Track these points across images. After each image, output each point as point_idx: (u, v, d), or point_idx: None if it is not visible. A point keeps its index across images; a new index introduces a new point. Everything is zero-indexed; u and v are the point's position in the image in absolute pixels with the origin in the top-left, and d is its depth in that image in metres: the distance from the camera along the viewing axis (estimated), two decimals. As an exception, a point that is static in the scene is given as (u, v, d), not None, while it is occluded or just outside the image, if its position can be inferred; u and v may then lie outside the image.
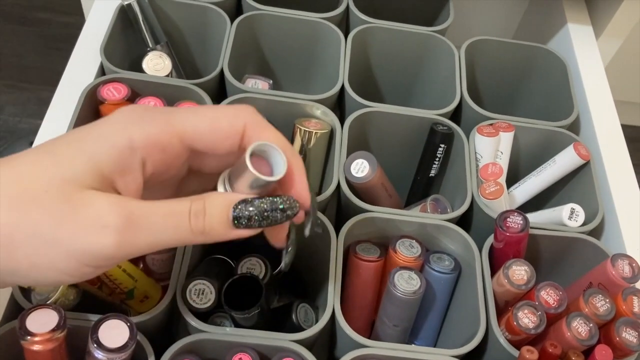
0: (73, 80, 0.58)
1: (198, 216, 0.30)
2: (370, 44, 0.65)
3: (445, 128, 0.57)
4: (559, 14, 0.75)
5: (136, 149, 0.30)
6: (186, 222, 0.30)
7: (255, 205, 0.31)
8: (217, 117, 0.32)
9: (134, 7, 0.60)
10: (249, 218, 0.31)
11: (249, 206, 0.31)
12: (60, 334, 0.37)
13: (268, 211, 0.31)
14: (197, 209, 0.30)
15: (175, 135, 0.31)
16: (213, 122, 0.32)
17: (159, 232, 0.29)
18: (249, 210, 0.31)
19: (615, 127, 0.62)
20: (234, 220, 0.31)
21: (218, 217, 0.31)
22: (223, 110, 0.32)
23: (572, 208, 0.53)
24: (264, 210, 0.31)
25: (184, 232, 0.30)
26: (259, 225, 0.31)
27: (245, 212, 0.31)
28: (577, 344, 0.43)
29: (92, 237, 0.28)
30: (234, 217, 0.31)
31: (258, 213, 0.31)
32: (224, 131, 0.32)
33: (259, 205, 0.31)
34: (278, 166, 0.32)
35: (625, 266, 0.46)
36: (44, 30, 1.37)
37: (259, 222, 0.31)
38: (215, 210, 0.31)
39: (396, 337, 0.51)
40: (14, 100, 1.25)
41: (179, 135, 0.31)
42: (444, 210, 0.56)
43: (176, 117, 0.31)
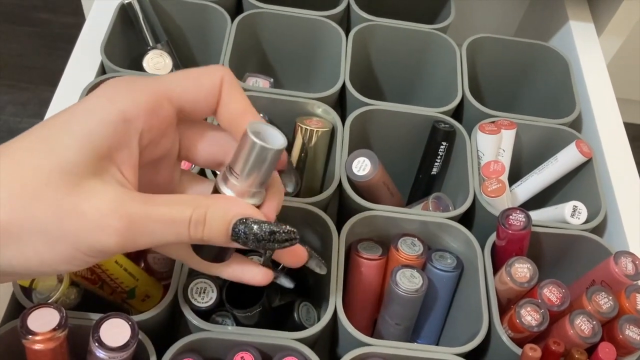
0: (73, 80, 0.58)
1: (197, 226, 0.31)
2: (371, 42, 0.65)
3: (447, 126, 0.57)
4: (560, 11, 0.74)
5: (130, 120, 0.30)
6: (185, 229, 0.30)
7: (254, 232, 0.31)
8: (198, 76, 0.33)
9: (134, 5, 0.60)
10: (247, 238, 0.31)
11: (248, 228, 0.31)
12: (61, 333, 0.37)
13: (267, 240, 0.31)
14: (197, 219, 0.31)
15: (164, 98, 0.32)
16: (196, 80, 0.33)
17: (158, 236, 0.30)
18: (246, 233, 0.31)
19: (618, 125, 0.62)
20: (232, 236, 0.31)
21: (217, 230, 0.31)
22: (202, 69, 0.33)
23: (575, 205, 0.53)
24: (263, 237, 0.31)
25: (183, 238, 0.31)
26: (255, 246, 0.32)
27: (243, 233, 0.31)
28: (580, 341, 0.42)
29: (96, 235, 0.29)
30: (232, 235, 0.31)
31: (255, 239, 0.31)
32: (206, 87, 0.32)
33: (257, 232, 0.31)
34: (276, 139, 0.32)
35: (628, 263, 0.46)
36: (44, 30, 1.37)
37: (256, 244, 0.32)
38: (216, 223, 0.31)
39: (398, 336, 0.51)
40: (15, 100, 1.25)
41: (168, 96, 0.32)
42: (446, 208, 0.56)
43: (162, 81, 0.32)
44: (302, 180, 0.55)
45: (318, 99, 0.56)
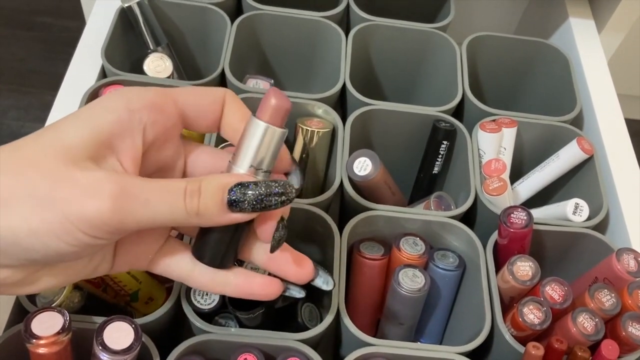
0: (74, 84, 0.58)
1: (193, 196, 0.30)
2: (371, 41, 0.65)
3: (448, 125, 0.57)
4: (560, 8, 0.74)
5: (134, 110, 0.31)
6: (181, 200, 0.30)
7: (251, 188, 0.31)
8: (204, 88, 0.34)
9: (134, 9, 0.60)
10: (244, 201, 0.31)
11: (244, 189, 0.31)
12: (65, 336, 0.37)
13: (263, 195, 0.31)
14: (192, 189, 0.30)
15: (170, 99, 0.33)
16: (201, 90, 0.34)
17: (153, 206, 0.30)
18: (244, 192, 0.31)
19: (619, 121, 0.62)
20: (229, 202, 0.31)
21: (213, 198, 0.31)
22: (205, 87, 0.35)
23: (577, 203, 0.53)
24: (259, 193, 0.31)
25: (178, 210, 0.30)
26: (252, 209, 0.31)
27: (240, 195, 0.31)
28: (583, 339, 0.42)
29: (88, 199, 0.28)
30: (229, 200, 0.31)
31: (253, 196, 0.31)
32: (210, 97, 0.34)
33: (254, 188, 0.31)
34: None
35: (630, 260, 0.46)
36: (46, 34, 1.38)
37: (253, 205, 0.31)
38: (211, 191, 0.31)
39: (402, 335, 0.51)
40: (17, 104, 1.26)
41: (173, 99, 0.33)
42: (447, 207, 0.56)
43: (170, 89, 0.33)
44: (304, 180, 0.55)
45: (318, 100, 0.57)
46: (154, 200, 0.29)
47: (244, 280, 0.35)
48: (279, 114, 0.32)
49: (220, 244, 0.34)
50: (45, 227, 0.28)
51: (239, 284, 0.35)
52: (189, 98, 0.33)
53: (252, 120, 0.32)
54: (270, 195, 0.31)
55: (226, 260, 0.35)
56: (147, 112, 0.31)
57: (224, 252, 0.34)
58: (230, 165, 0.33)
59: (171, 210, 0.30)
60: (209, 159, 0.36)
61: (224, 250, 0.34)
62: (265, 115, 0.32)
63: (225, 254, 0.35)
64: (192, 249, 0.35)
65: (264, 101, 0.32)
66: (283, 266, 0.36)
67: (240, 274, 0.35)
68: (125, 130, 0.31)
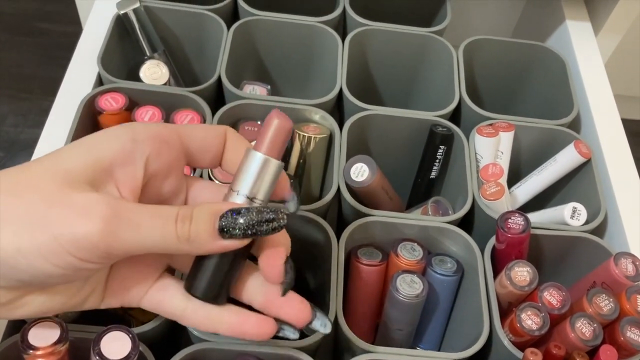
0: (71, 91, 0.58)
1: (184, 221, 0.30)
2: (367, 46, 0.65)
3: (445, 129, 0.57)
4: (557, 11, 0.74)
5: (139, 140, 0.31)
6: (172, 225, 0.30)
7: (242, 215, 0.31)
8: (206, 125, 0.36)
9: (130, 16, 0.60)
10: (234, 227, 0.31)
11: (235, 215, 0.31)
12: (62, 347, 0.37)
13: (254, 221, 0.31)
14: (184, 215, 0.30)
15: (175, 133, 0.33)
16: (204, 126, 0.35)
17: (144, 230, 0.29)
18: (235, 218, 0.31)
19: (616, 124, 0.61)
20: (220, 229, 0.31)
21: (204, 224, 0.31)
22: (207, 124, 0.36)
23: (574, 207, 0.53)
24: (250, 220, 0.31)
25: (169, 235, 0.30)
26: (243, 235, 0.31)
27: (231, 221, 0.31)
28: (581, 344, 0.42)
29: (78, 220, 0.28)
30: (220, 226, 0.31)
31: (244, 221, 0.31)
32: (212, 132, 0.34)
33: (246, 215, 0.31)
34: None
35: (628, 265, 0.46)
36: (43, 40, 1.38)
37: (244, 231, 0.31)
38: (202, 217, 0.31)
39: (400, 341, 0.51)
40: (15, 110, 1.26)
41: (179, 133, 0.33)
42: (445, 212, 0.56)
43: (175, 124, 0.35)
44: (300, 187, 0.55)
45: (315, 105, 0.56)
46: (145, 224, 0.29)
47: (238, 319, 0.34)
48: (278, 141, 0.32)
49: (214, 277, 0.33)
50: (34, 247, 0.28)
51: (233, 323, 0.34)
52: (193, 133, 0.34)
53: (248, 151, 0.32)
54: (261, 221, 0.31)
55: (220, 296, 0.34)
56: (151, 143, 0.32)
57: (219, 287, 0.34)
58: (227, 196, 0.33)
59: (162, 235, 0.30)
60: (210, 194, 0.36)
61: (218, 284, 0.33)
62: (262, 146, 0.32)
63: (219, 289, 0.34)
64: (185, 283, 0.34)
65: (262, 132, 0.33)
66: (280, 309, 0.35)
67: (234, 313, 0.34)
68: (128, 159, 0.31)
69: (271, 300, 0.35)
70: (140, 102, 0.56)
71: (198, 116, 0.55)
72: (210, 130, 0.34)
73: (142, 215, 0.30)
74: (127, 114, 0.55)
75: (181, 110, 0.55)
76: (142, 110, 0.55)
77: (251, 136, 0.55)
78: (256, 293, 0.35)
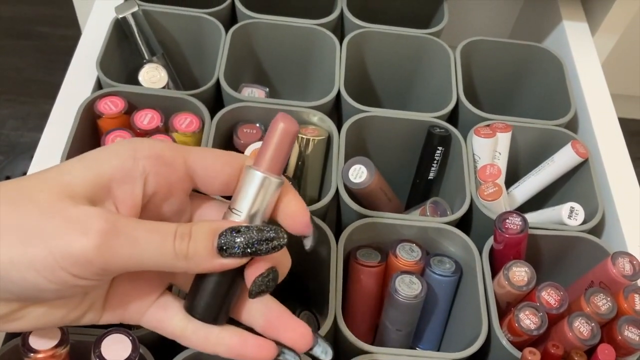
0: (71, 95, 0.58)
1: (183, 238, 0.30)
2: (365, 48, 0.65)
3: (443, 130, 0.57)
4: (554, 11, 0.75)
5: (139, 158, 0.30)
6: (170, 242, 0.29)
7: (242, 233, 0.30)
8: (221, 151, 0.33)
9: (128, 20, 0.61)
10: (234, 245, 0.30)
11: (235, 233, 0.30)
12: (63, 349, 0.37)
13: (254, 239, 0.30)
14: (182, 232, 0.30)
15: (180, 155, 0.32)
16: (216, 152, 0.33)
17: (141, 246, 0.29)
18: (234, 237, 0.30)
19: (614, 124, 0.62)
20: (218, 247, 0.30)
21: (203, 242, 0.30)
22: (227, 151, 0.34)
23: (572, 207, 0.53)
24: (249, 239, 0.30)
25: (167, 252, 0.29)
26: (242, 254, 0.30)
27: (230, 240, 0.30)
28: (579, 344, 0.43)
29: (74, 234, 0.27)
30: (219, 244, 0.30)
31: (244, 240, 0.30)
32: (224, 158, 0.33)
33: (246, 233, 0.30)
34: None
35: (625, 264, 0.46)
36: (43, 43, 1.38)
37: (243, 250, 0.30)
38: (201, 235, 0.30)
39: (400, 342, 0.51)
40: (15, 114, 1.26)
41: (184, 155, 0.32)
42: (443, 213, 0.56)
43: (185, 146, 0.33)
44: (299, 189, 0.55)
45: (313, 108, 0.57)
46: (143, 240, 0.29)
47: (238, 341, 0.33)
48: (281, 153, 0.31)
49: (213, 297, 0.32)
50: (27, 259, 0.27)
51: (233, 345, 0.33)
52: (202, 159, 0.32)
53: (248, 170, 0.31)
54: (261, 240, 0.30)
55: (220, 316, 0.33)
56: (151, 163, 0.31)
57: (218, 307, 0.33)
58: (226, 215, 0.32)
59: (159, 252, 0.29)
60: (216, 213, 0.35)
61: (217, 304, 0.33)
62: (263, 162, 0.31)
63: (219, 309, 0.33)
64: (185, 303, 0.33)
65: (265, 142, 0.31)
66: (282, 333, 0.34)
67: (235, 334, 0.33)
68: (127, 177, 0.30)
69: (272, 323, 0.34)
70: (139, 105, 0.56)
71: (197, 119, 0.55)
72: (221, 157, 0.33)
73: (139, 230, 0.29)
74: (126, 118, 0.55)
75: (180, 113, 0.55)
76: (141, 113, 0.55)
77: (249, 139, 0.55)
78: (257, 315, 0.34)
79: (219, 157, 0.33)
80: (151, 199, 0.32)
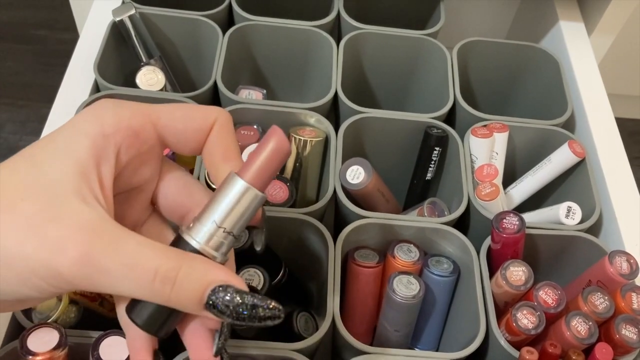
0: (68, 98, 0.58)
1: (165, 283, 0.27)
2: (362, 49, 0.65)
3: (440, 131, 0.57)
4: (550, 12, 0.75)
5: (109, 134, 0.29)
6: (148, 282, 0.26)
7: (235, 302, 0.27)
8: (191, 109, 0.31)
9: (125, 22, 0.61)
10: (224, 310, 0.27)
11: (229, 296, 0.27)
12: (61, 352, 0.38)
13: (245, 315, 0.27)
14: (166, 275, 0.27)
15: (148, 121, 0.30)
16: (187, 113, 0.31)
17: (115, 281, 0.27)
18: (227, 302, 0.27)
19: (610, 123, 0.62)
20: (207, 305, 0.27)
21: (190, 293, 0.27)
22: (198, 106, 0.32)
23: (569, 206, 0.53)
24: (241, 311, 0.27)
25: (144, 291, 0.27)
26: (230, 320, 0.28)
27: (221, 302, 0.27)
28: (576, 343, 0.43)
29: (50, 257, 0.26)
30: (208, 301, 0.27)
31: (234, 311, 0.27)
32: (196, 121, 0.31)
33: (239, 303, 0.27)
34: None
35: (623, 263, 0.46)
36: (41, 47, 1.38)
37: (233, 318, 0.27)
38: (189, 286, 0.27)
39: (398, 342, 0.51)
40: (14, 118, 1.26)
41: (153, 121, 0.30)
42: (441, 213, 0.56)
43: (152, 106, 0.31)
44: (297, 190, 0.55)
45: (311, 109, 0.57)
46: (116, 274, 0.26)
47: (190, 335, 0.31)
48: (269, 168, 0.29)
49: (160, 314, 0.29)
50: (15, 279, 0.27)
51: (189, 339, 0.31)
52: (170, 122, 0.31)
53: (232, 176, 0.29)
54: (253, 317, 0.28)
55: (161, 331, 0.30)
56: (121, 136, 0.29)
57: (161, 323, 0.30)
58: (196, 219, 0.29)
59: (135, 289, 0.27)
60: (177, 192, 0.33)
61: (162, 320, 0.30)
62: (248, 172, 0.29)
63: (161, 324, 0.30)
64: (127, 307, 0.30)
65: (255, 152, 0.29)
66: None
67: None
68: (101, 157, 0.29)
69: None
70: (136, 108, 0.56)
71: (194, 121, 0.55)
72: (192, 121, 0.31)
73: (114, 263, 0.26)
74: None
75: (177, 115, 0.55)
76: (139, 116, 0.55)
77: (247, 140, 0.55)
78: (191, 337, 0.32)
79: (189, 123, 0.31)
80: (123, 170, 0.31)
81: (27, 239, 0.26)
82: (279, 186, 0.52)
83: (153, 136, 0.31)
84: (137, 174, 0.32)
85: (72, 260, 0.26)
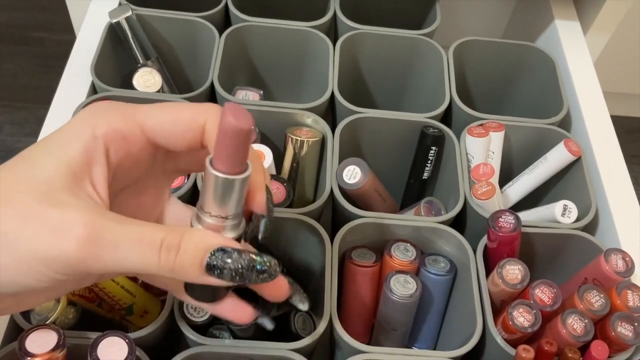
0: (66, 100, 0.59)
1: (170, 251, 0.28)
2: (358, 50, 0.66)
3: (436, 130, 0.58)
4: (546, 11, 0.75)
5: (98, 137, 0.30)
6: (155, 253, 0.28)
7: (233, 259, 0.29)
8: (180, 110, 0.32)
9: (122, 24, 0.61)
10: (222, 270, 0.29)
11: (226, 257, 0.29)
12: (59, 353, 0.38)
13: (244, 269, 0.29)
14: (170, 243, 0.28)
15: (136, 125, 0.31)
16: (175, 115, 0.32)
17: (122, 253, 0.28)
18: (225, 261, 0.29)
19: (606, 122, 0.62)
20: (207, 266, 0.29)
21: (192, 258, 0.29)
22: (188, 105, 0.32)
23: (565, 204, 0.53)
24: (239, 267, 0.29)
25: (151, 263, 0.28)
26: (230, 279, 0.29)
27: (220, 262, 0.29)
28: (572, 340, 0.43)
29: (54, 240, 0.27)
30: (208, 264, 0.29)
31: (233, 268, 0.29)
32: (185, 123, 0.31)
33: (236, 260, 0.29)
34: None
35: (618, 261, 0.46)
36: (39, 49, 1.38)
37: (232, 276, 0.29)
38: (191, 251, 0.29)
39: (395, 341, 0.51)
40: (12, 119, 1.26)
41: (140, 125, 0.31)
42: (437, 212, 0.56)
43: (140, 109, 0.32)
44: (294, 190, 0.55)
45: (307, 109, 0.57)
46: (124, 247, 0.28)
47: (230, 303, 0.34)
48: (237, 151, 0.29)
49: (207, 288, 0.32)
50: (13, 264, 0.27)
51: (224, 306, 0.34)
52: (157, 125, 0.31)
53: (207, 169, 0.30)
54: (250, 270, 0.29)
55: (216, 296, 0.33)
56: (109, 138, 0.30)
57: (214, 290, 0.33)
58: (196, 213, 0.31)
59: (142, 262, 0.28)
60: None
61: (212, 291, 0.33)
62: (219, 161, 0.29)
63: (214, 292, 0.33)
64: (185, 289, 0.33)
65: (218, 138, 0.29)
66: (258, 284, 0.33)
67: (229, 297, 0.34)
68: (93, 158, 0.30)
69: None
70: (133, 109, 0.56)
71: (191, 122, 0.55)
72: (181, 122, 0.31)
73: (121, 236, 0.28)
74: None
75: (174, 116, 0.56)
76: (136, 117, 0.55)
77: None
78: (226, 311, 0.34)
79: (177, 124, 0.31)
80: (117, 170, 0.32)
81: (26, 224, 0.27)
82: (276, 186, 0.52)
83: (141, 139, 0.32)
84: (133, 173, 0.33)
85: (81, 239, 0.27)
